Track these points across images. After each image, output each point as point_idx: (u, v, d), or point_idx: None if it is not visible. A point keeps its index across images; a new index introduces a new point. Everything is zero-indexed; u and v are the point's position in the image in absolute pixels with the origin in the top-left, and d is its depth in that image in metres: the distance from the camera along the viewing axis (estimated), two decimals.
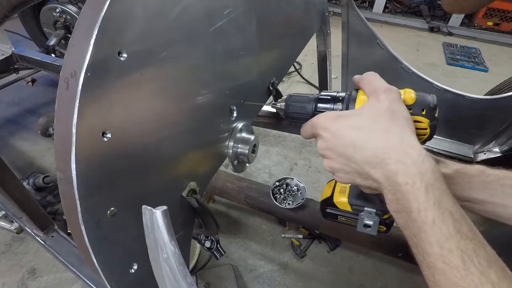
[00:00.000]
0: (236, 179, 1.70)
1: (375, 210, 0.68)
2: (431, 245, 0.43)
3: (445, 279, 0.41)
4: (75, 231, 0.44)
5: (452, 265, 0.41)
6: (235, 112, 0.74)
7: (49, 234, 1.27)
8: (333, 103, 0.64)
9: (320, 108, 0.65)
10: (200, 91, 0.62)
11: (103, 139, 0.43)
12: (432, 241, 0.43)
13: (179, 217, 0.63)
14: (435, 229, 0.43)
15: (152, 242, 0.45)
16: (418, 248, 0.46)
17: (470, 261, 0.40)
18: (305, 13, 1.14)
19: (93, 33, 0.39)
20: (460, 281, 0.40)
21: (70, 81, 0.40)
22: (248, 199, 1.63)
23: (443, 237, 0.42)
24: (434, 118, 0.57)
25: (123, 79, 0.44)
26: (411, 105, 0.56)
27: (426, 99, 0.57)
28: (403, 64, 1.55)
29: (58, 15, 2.18)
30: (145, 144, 0.51)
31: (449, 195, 0.47)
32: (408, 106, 0.56)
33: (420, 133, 0.57)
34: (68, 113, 0.39)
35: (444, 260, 0.41)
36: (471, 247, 0.41)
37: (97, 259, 0.45)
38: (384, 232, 0.70)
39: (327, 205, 0.75)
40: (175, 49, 0.53)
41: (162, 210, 0.43)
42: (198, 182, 0.65)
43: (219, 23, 0.64)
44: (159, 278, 0.47)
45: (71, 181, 0.40)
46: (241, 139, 0.75)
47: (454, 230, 0.42)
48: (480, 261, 0.40)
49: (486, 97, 1.53)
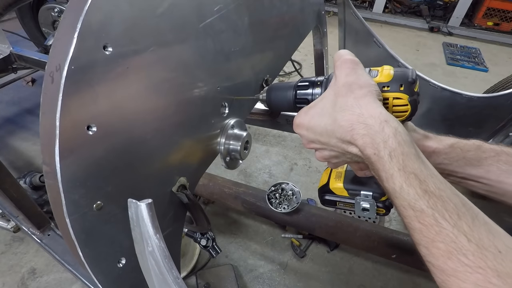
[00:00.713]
0: (233, 185, 1.71)
1: (371, 193, 0.68)
2: (405, 208, 0.45)
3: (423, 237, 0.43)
4: (61, 224, 0.44)
5: (427, 223, 0.43)
6: (226, 108, 0.74)
7: (46, 232, 1.28)
8: (312, 87, 0.64)
9: (300, 94, 0.65)
10: (190, 87, 0.62)
11: (88, 133, 0.43)
12: (405, 205, 0.45)
13: (169, 213, 0.63)
14: (403, 194, 0.45)
15: (137, 235, 0.45)
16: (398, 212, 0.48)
17: (442, 217, 0.42)
18: (299, 12, 1.14)
19: (77, 26, 0.39)
20: (436, 237, 0.41)
21: (55, 74, 0.40)
22: (245, 204, 1.64)
23: (412, 200, 0.44)
24: (413, 93, 0.56)
25: (108, 73, 0.45)
26: (388, 81, 0.56)
27: (404, 74, 0.56)
28: (400, 63, 1.54)
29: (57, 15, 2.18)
30: (132, 138, 0.51)
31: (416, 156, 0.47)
32: (385, 83, 0.56)
33: (400, 110, 0.57)
34: (53, 106, 0.39)
35: (419, 220, 0.44)
36: (440, 203, 0.43)
37: (83, 253, 0.45)
38: (384, 214, 0.70)
39: (325, 192, 0.75)
40: (163, 45, 0.54)
41: (147, 203, 0.43)
42: (188, 177, 0.65)
43: (209, 19, 0.64)
44: (145, 271, 0.47)
45: (55, 174, 0.41)
46: (233, 135, 0.75)
47: (421, 191, 0.44)
48: (451, 215, 0.42)
49: (483, 95, 1.52)
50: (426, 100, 1.58)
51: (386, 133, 0.48)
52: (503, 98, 1.42)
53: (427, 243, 0.43)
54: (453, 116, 1.58)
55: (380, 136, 0.48)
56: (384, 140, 0.47)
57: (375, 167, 0.49)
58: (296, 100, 0.66)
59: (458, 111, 1.55)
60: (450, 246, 0.40)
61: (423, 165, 0.47)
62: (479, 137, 1.59)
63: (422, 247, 0.44)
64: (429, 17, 4.61)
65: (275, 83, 0.70)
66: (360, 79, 0.54)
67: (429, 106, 1.59)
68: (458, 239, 0.40)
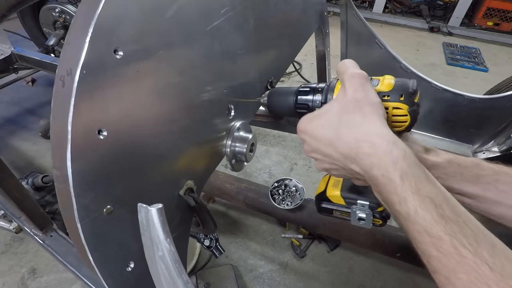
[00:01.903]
0: (235, 180, 1.70)
1: (368, 203, 0.67)
2: (420, 233, 0.43)
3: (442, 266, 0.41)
4: (72, 229, 0.44)
5: (445, 251, 0.40)
6: (232, 110, 0.74)
7: (48, 233, 1.28)
8: (312, 94, 0.64)
9: (301, 100, 0.65)
10: (198, 89, 0.62)
11: (99, 137, 0.43)
12: (420, 230, 0.43)
13: (176, 216, 0.63)
14: (418, 218, 0.43)
15: (147, 240, 0.45)
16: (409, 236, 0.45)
17: (461, 244, 0.40)
18: (303, 13, 1.14)
19: (89, 31, 0.39)
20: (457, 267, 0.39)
21: (66, 79, 0.40)
22: (247, 200, 1.63)
23: (428, 225, 0.42)
24: (413, 104, 0.55)
25: (119, 77, 0.44)
26: (389, 91, 0.55)
27: (404, 84, 0.56)
28: (402, 64, 1.55)
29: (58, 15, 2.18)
30: (142, 142, 0.51)
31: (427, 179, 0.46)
32: (386, 92, 0.55)
33: (400, 120, 0.56)
34: (64, 111, 0.39)
35: (436, 247, 0.41)
36: (458, 229, 0.41)
37: (93, 257, 0.45)
38: (380, 225, 0.69)
39: (321, 200, 0.73)
40: (172, 48, 0.54)
41: (158, 208, 0.43)
42: (195, 180, 0.65)
43: (216, 22, 0.64)
44: (155, 276, 0.47)
45: (67, 178, 0.41)
46: (239, 137, 0.75)
47: (438, 215, 0.42)
48: (470, 242, 0.40)
49: (485, 96, 1.52)
50: (427, 101, 1.58)
51: (395, 155, 0.46)
52: (505, 99, 1.42)
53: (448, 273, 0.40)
54: (454, 117, 1.59)
55: (388, 158, 0.46)
56: (393, 161, 0.46)
57: (384, 189, 0.47)
58: (297, 106, 0.66)
59: (460, 112, 1.55)
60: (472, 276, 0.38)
61: (436, 187, 0.45)
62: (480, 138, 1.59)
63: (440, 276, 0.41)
64: (429, 17, 4.61)
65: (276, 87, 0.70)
66: (369, 96, 0.52)
67: (430, 107, 1.60)
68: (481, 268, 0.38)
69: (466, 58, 3.86)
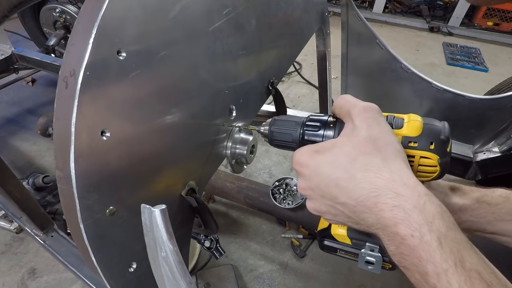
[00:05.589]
0: (236, 179, 1.70)
1: (378, 246, 0.57)
2: None
3: None
4: (74, 229, 0.44)
5: None
6: (234, 111, 0.74)
7: (49, 234, 1.28)
8: (323, 129, 0.55)
9: (308, 135, 0.56)
10: (200, 90, 0.62)
11: (102, 138, 0.43)
12: None
13: (178, 216, 0.63)
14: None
15: (150, 241, 0.45)
16: None
17: None
18: (304, 13, 1.14)
19: (92, 32, 0.39)
20: None
21: (69, 80, 0.40)
22: (248, 199, 1.63)
23: None
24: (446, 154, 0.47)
25: (122, 78, 0.44)
26: (417, 137, 0.47)
27: (435, 129, 0.47)
28: (403, 64, 1.55)
29: (58, 15, 2.18)
30: (144, 143, 0.51)
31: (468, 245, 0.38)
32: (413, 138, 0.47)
33: (427, 171, 0.48)
34: (67, 112, 0.39)
35: None
36: None
37: (96, 258, 0.45)
38: (390, 269, 0.59)
39: (325, 237, 0.65)
40: (174, 49, 0.54)
41: (161, 209, 0.43)
42: (197, 181, 0.65)
43: (218, 23, 0.64)
44: (158, 277, 0.47)
45: (70, 179, 0.41)
46: (240, 139, 0.75)
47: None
48: None
49: (486, 97, 1.52)
50: (428, 101, 1.59)
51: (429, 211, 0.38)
52: (506, 99, 1.42)
53: None
54: (455, 118, 1.59)
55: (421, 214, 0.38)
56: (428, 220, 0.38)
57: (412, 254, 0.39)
58: (304, 142, 0.57)
59: (460, 113, 1.55)
60: None
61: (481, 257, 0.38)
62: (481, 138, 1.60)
63: None
64: (429, 17, 4.61)
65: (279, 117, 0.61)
66: (385, 135, 0.46)
67: (431, 107, 1.60)
68: None
69: (466, 58, 3.86)
